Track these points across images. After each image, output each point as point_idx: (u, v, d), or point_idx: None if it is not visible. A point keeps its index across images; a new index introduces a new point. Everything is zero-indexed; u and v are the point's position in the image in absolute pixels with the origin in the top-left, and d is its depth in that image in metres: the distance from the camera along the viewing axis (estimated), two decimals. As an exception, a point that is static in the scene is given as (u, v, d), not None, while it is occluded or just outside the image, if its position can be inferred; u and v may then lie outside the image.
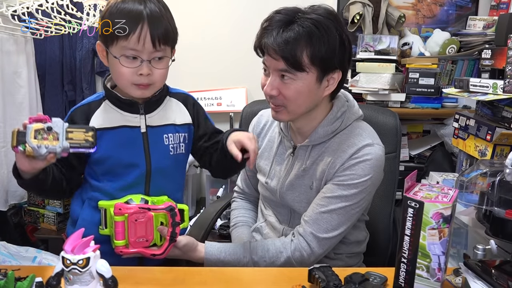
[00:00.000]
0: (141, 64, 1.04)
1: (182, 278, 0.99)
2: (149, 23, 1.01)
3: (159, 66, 1.06)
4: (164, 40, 1.04)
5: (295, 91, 1.07)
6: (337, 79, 1.11)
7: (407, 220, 0.85)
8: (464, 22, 2.50)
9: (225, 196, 1.80)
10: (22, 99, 2.15)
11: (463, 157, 1.84)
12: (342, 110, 1.16)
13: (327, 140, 1.16)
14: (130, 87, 1.07)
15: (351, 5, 2.31)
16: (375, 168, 1.12)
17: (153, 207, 1.05)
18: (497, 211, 0.93)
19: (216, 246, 1.16)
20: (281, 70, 1.07)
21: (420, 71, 2.23)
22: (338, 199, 1.11)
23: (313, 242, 1.12)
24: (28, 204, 2.15)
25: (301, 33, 1.03)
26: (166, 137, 1.13)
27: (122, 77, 1.06)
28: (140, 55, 1.03)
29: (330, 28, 1.05)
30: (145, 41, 1.01)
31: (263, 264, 1.14)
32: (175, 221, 1.04)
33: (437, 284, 0.85)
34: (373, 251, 1.36)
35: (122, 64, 1.03)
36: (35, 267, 1.16)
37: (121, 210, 1.03)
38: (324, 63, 1.06)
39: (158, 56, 1.05)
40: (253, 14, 2.59)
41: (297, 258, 1.13)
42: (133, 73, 1.04)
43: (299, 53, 1.04)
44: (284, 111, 1.12)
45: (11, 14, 1.83)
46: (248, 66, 2.61)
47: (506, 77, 1.49)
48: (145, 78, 1.05)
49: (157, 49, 1.03)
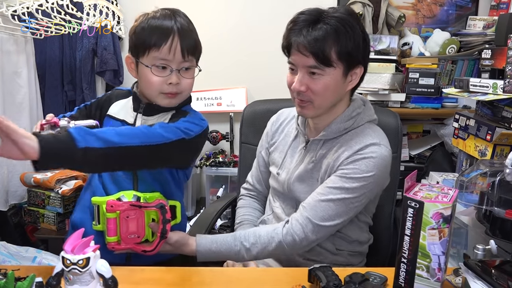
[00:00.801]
0: (170, 74, 1.11)
1: (182, 278, 0.99)
2: (179, 35, 1.10)
3: (187, 76, 1.14)
4: (192, 51, 1.13)
5: (323, 85, 1.13)
6: (359, 74, 1.18)
7: (407, 220, 0.85)
8: (464, 22, 2.51)
9: (225, 196, 1.80)
10: (22, 99, 2.15)
11: (463, 157, 1.84)
12: (357, 111, 1.22)
13: (338, 137, 1.20)
14: (158, 96, 1.14)
15: (351, 5, 2.31)
16: (379, 166, 1.14)
17: (144, 204, 1.06)
18: (497, 211, 0.93)
19: (208, 238, 1.16)
20: (310, 66, 1.12)
21: (420, 71, 2.23)
22: (339, 190, 1.14)
23: (308, 226, 1.13)
24: (28, 204, 2.14)
25: (329, 31, 1.09)
26: None
27: (152, 86, 1.12)
28: (170, 65, 1.11)
29: (354, 25, 1.12)
30: (176, 52, 1.10)
31: (255, 250, 1.14)
32: (166, 219, 1.04)
33: (437, 284, 0.85)
34: (373, 251, 1.36)
35: (153, 73, 1.11)
36: (35, 267, 1.16)
37: (113, 207, 1.04)
38: (350, 59, 1.13)
39: (186, 66, 1.13)
40: (253, 14, 2.59)
41: (289, 242, 1.13)
42: (163, 82, 1.11)
43: (328, 49, 1.10)
44: (310, 106, 1.17)
45: (11, 14, 1.83)
46: (248, 66, 2.62)
47: (506, 77, 1.49)
48: (174, 87, 1.12)
49: (185, 60, 1.12)
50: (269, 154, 1.38)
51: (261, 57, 2.57)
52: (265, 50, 2.55)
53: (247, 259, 1.16)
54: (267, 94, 2.01)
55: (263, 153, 1.41)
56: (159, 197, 1.12)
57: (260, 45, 2.57)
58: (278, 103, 1.59)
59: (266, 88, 2.52)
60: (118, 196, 1.10)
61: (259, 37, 2.58)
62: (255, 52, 2.59)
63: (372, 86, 2.18)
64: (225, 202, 1.60)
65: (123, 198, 1.09)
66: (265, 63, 2.55)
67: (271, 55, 2.58)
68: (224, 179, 2.49)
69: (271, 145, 1.37)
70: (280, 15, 2.55)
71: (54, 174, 2.05)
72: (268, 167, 1.40)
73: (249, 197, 1.46)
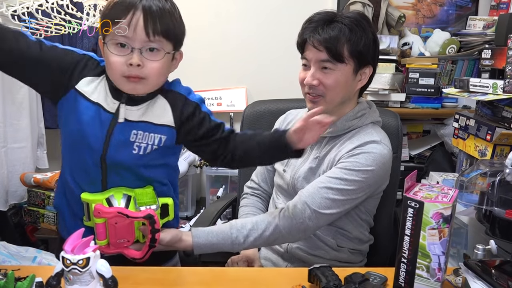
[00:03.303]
0: (131, 53, 0.98)
1: (182, 278, 0.99)
2: (144, 11, 0.97)
3: (151, 58, 1.00)
4: (161, 32, 0.99)
5: (334, 80, 1.19)
6: (368, 74, 1.25)
7: (407, 220, 0.85)
8: (464, 22, 2.50)
9: (225, 196, 1.80)
10: (22, 99, 2.15)
11: (463, 157, 1.84)
12: (362, 112, 1.27)
13: (342, 134, 1.25)
14: (120, 80, 1.01)
15: (351, 5, 2.30)
16: (378, 163, 1.18)
17: (132, 214, 1.01)
18: (497, 211, 0.93)
19: (204, 229, 1.15)
20: (323, 60, 1.19)
21: (420, 71, 2.23)
22: (338, 180, 1.16)
23: (306, 211, 1.14)
24: (28, 204, 2.14)
25: (343, 29, 1.17)
26: (135, 134, 1.05)
27: (112, 68, 1.01)
28: (130, 43, 0.98)
29: (365, 27, 1.20)
30: (137, 28, 0.97)
31: (252, 236, 1.13)
32: (155, 228, 1.01)
33: (437, 284, 0.85)
34: (374, 251, 1.36)
35: (111, 52, 0.99)
36: (35, 267, 1.16)
37: (100, 214, 1.00)
38: (360, 57, 1.20)
39: (151, 47, 1.00)
40: (254, 14, 2.59)
41: (286, 226, 1.14)
42: (123, 63, 0.99)
43: (341, 46, 1.17)
44: (322, 101, 1.21)
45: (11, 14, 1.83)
46: (248, 66, 2.62)
47: (506, 77, 1.49)
48: (135, 69, 0.99)
49: (151, 39, 0.98)
50: None
51: (261, 57, 2.57)
52: (265, 50, 2.56)
53: (244, 247, 1.14)
54: (267, 94, 2.02)
55: None
56: (151, 192, 1.07)
57: (260, 45, 2.57)
58: (278, 103, 1.59)
59: (266, 88, 2.52)
60: (108, 195, 1.04)
61: (259, 37, 2.57)
62: (255, 52, 2.59)
63: (372, 86, 2.17)
64: (225, 202, 1.60)
65: (112, 199, 1.04)
66: (265, 63, 2.55)
67: (271, 55, 2.61)
68: (224, 179, 2.49)
69: None
70: (280, 15, 2.56)
71: (54, 174, 2.05)
72: (273, 166, 1.41)
73: (253, 195, 1.46)
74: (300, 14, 1.34)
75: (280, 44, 2.44)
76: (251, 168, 1.49)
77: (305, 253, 1.25)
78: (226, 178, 2.48)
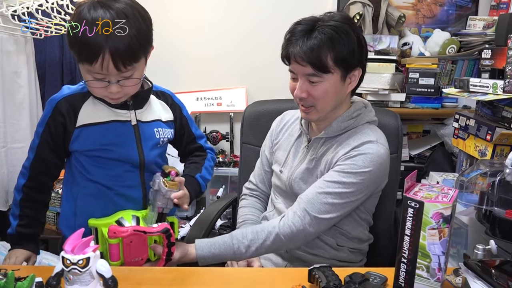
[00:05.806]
0: (109, 85, 1.04)
1: (182, 278, 0.99)
2: (111, 54, 0.98)
3: (128, 84, 1.05)
4: (130, 61, 1.01)
5: (323, 91, 1.17)
6: (358, 75, 1.22)
7: (407, 220, 0.85)
8: (464, 22, 2.50)
9: (225, 196, 1.80)
10: (22, 99, 2.15)
11: (463, 157, 1.84)
12: (358, 112, 1.26)
13: (338, 135, 1.25)
14: (104, 98, 1.10)
15: (351, 5, 2.31)
16: (375, 163, 1.17)
17: (149, 230, 1.03)
18: (497, 211, 0.93)
19: (206, 241, 1.17)
20: (309, 74, 1.16)
21: (420, 71, 2.23)
22: (336, 184, 1.16)
23: (306, 218, 1.16)
24: (28, 204, 2.14)
25: (323, 40, 1.13)
26: (157, 131, 1.19)
27: (94, 92, 1.09)
28: (107, 78, 1.03)
29: (348, 31, 1.16)
30: (108, 68, 1.00)
31: (254, 246, 1.15)
32: (170, 242, 1.04)
33: (437, 284, 0.85)
34: (374, 251, 1.36)
35: (89, 80, 1.04)
36: (35, 267, 1.16)
37: (116, 234, 1.01)
38: (346, 63, 1.17)
39: (126, 76, 1.04)
40: (254, 14, 2.59)
41: (287, 234, 1.15)
42: (103, 90, 1.05)
43: (324, 57, 1.14)
44: (314, 111, 1.21)
45: (11, 14, 1.83)
46: (248, 66, 2.62)
47: (506, 77, 1.48)
48: (116, 94, 1.06)
49: (123, 71, 1.02)
50: (273, 153, 1.39)
51: (261, 57, 2.57)
52: (265, 50, 2.56)
53: (247, 256, 1.17)
54: (267, 94, 2.02)
55: (267, 153, 1.43)
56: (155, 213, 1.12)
57: (260, 45, 2.57)
58: (278, 103, 1.59)
59: (266, 88, 2.52)
60: (117, 217, 1.08)
61: (259, 37, 2.58)
62: (255, 52, 2.59)
63: (372, 86, 2.18)
64: (225, 202, 1.60)
65: (123, 220, 1.07)
66: (265, 63, 2.55)
67: (271, 55, 2.58)
68: (224, 179, 2.49)
69: (275, 144, 1.40)
70: (280, 15, 2.56)
71: (54, 174, 2.05)
72: (271, 167, 1.41)
73: (251, 196, 1.47)
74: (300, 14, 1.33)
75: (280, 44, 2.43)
76: (251, 169, 1.50)
77: (305, 252, 1.25)
78: (226, 178, 2.48)
